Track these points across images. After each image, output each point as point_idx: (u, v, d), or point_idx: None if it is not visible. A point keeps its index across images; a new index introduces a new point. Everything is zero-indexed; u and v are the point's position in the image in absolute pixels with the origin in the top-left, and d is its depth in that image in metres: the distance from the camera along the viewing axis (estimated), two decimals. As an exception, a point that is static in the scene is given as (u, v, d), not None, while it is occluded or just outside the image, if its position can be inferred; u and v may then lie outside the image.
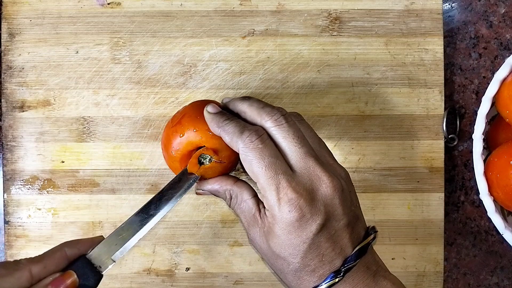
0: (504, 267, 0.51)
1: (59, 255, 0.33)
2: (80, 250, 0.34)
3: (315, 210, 0.34)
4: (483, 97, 0.44)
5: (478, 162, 0.44)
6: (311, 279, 0.35)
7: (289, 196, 0.34)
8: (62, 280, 0.32)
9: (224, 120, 0.37)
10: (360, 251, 0.35)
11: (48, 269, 0.33)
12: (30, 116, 0.48)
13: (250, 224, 0.37)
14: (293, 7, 0.48)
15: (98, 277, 0.34)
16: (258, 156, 0.34)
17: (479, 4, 0.50)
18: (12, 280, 0.31)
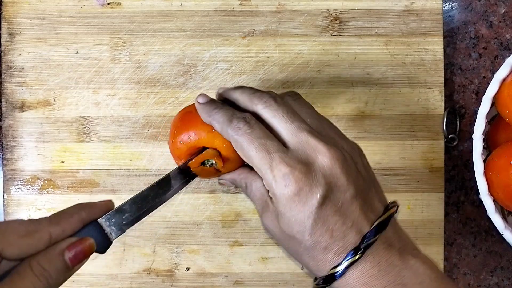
0: (504, 267, 0.51)
1: (77, 218, 0.33)
2: (94, 215, 0.34)
3: (313, 181, 0.33)
4: (483, 97, 0.44)
5: (478, 162, 0.44)
6: (326, 258, 0.34)
7: (283, 171, 0.33)
8: (81, 245, 0.32)
9: (213, 109, 0.37)
10: (379, 227, 0.34)
11: (66, 232, 0.32)
12: (30, 116, 0.48)
13: (263, 210, 0.36)
14: (293, 7, 0.48)
15: (107, 244, 0.34)
16: (247, 140, 0.34)
17: (479, 4, 0.50)
18: (32, 241, 0.31)
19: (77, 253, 0.32)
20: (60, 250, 0.32)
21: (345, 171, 0.34)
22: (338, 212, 0.33)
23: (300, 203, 0.33)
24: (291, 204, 0.33)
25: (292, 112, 0.36)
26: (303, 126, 0.35)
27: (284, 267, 0.48)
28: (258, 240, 0.48)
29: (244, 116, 0.36)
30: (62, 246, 0.32)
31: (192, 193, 0.48)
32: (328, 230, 0.33)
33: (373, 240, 0.33)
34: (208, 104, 0.38)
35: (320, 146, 0.34)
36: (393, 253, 0.34)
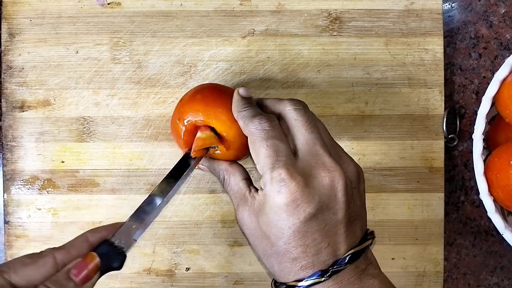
0: (504, 267, 0.51)
1: (81, 241, 0.34)
2: (102, 236, 0.35)
3: (307, 197, 0.33)
4: (483, 97, 0.44)
5: (478, 162, 0.44)
6: (292, 268, 0.34)
7: (282, 177, 0.33)
8: (85, 263, 0.33)
9: (244, 104, 0.38)
10: (353, 255, 0.34)
11: (72, 254, 0.33)
12: (30, 116, 0.48)
13: (239, 203, 0.37)
14: (293, 7, 0.48)
15: (122, 258, 0.35)
16: (262, 136, 0.35)
17: (479, 4, 0.50)
18: (37, 267, 0.32)
19: (83, 270, 0.32)
20: (66, 270, 0.32)
21: (341, 195, 0.34)
22: (319, 231, 0.34)
23: (287, 213, 0.33)
24: (278, 210, 0.33)
25: (314, 123, 0.36)
26: (320, 140, 0.36)
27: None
28: (258, 240, 0.48)
29: (269, 116, 0.37)
30: (68, 266, 0.33)
31: (192, 193, 0.48)
32: (303, 245, 0.34)
33: (343, 267, 0.34)
34: (244, 100, 0.38)
35: (329, 163, 0.34)
36: (356, 273, 0.34)
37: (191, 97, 0.41)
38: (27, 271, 0.32)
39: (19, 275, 0.31)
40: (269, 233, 0.34)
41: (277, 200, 0.33)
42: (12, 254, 0.48)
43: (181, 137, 0.40)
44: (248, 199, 0.36)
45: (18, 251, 0.48)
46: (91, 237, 0.35)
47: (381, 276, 0.36)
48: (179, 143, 0.42)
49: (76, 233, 0.47)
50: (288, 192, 0.33)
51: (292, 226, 0.33)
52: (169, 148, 0.48)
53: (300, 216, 0.33)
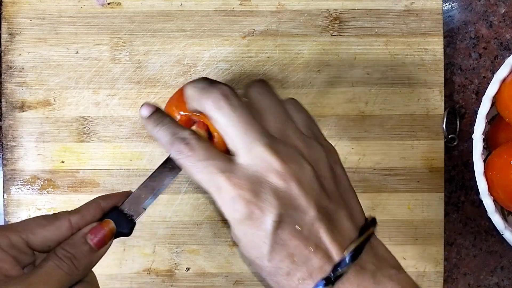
0: (504, 267, 0.50)
1: (95, 206, 0.34)
2: (113, 202, 0.35)
3: (265, 203, 0.30)
4: (483, 97, 0.43)
5: (478, 162, 0.43)
6: (290, 284, 0.31)
7: (231, 194, 0.30)
8: (101, 228, 0.34)
9: (155, 126, 0.34)
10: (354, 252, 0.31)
11: (86, 218, 0.34)
12: (30, 116, 0.48)
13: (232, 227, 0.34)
14: (293, 7, 0.48)
15: (132, 225, 0.36)
16: (189, 164, 0.32)
17: (479, 4, 0.50)
18: (53, 228, 0.32)
19: (99, 235, 0.33)
20: (83, 234, 0.33)
21: (303, 190, 0.31)
22: (297, 236, 0.30)
23: (254, 227, 0.31)
24: (244, 228, 0.31)
25: (248, 116, 0.32)
26: (259, 137, 0.31)
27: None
28: (258, 240, 0.48)
29: (184, 136, 0.33)
30: (84, 230, 0.33)
31: (192, 193, 0.48)
32: (288, 255, 0.31)
33: (345, 269, 0.30)
34: (151, 119, 0.35)
35: (276, 162, 0.31)
36: (366, 278, 0.31)
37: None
38: (43, 232, 0.32)
39: (36, 235, 0.32)
40: (251, 257, 0.32)
41: (237, 218, 0.31)
42: (12, 254, 0.48)
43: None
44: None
45: (18, 251, 0.48)
46: (103, 203, 0.35)
47: (400, 277, 0.32)
48: None
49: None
50: (244, 205, 0.30)
51: (266, 239, 0.30)
52: (169, 148, 0.48)
53: (267, 226, 0.30)
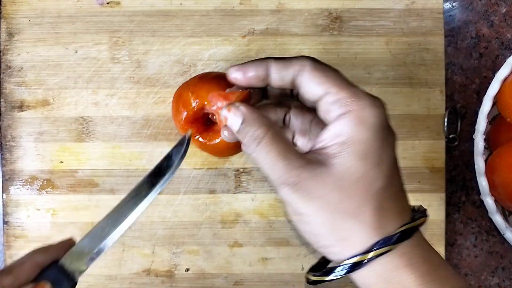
0: (506, 267, 0.50)
1: (30, 264, 0.31)
2: (52, 256, 0.32)
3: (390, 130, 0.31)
4: (484, 97, 0.43)
5: (479, 162, 0.43)
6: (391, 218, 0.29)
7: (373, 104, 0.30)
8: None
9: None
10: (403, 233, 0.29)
11: (20, 280, 0.30)
12: (29, 116, 0.48)
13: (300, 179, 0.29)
14: (294, 6, 0.48)
15: (72, 284, 0.32)
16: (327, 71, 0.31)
17: (480, 4, 0.50)
18: None
19: None
20: None
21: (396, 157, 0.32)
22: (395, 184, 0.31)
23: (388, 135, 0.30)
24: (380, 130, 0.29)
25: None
26: None
27: (284, 267, 0.48)
28: (258, 241, 0.48)
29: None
30: None
31: (192, 194, 0.48)
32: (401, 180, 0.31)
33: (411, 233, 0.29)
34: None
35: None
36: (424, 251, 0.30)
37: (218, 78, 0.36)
38: None
39: None
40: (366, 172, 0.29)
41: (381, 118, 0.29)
42: (11, 254, 0.47)
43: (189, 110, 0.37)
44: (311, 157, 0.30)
45: (17, 252, 0.48)
46: (40, 257, 0.31)
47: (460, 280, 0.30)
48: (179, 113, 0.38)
49: (75, 233, 0.48)
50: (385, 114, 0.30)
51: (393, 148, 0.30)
52: (169, 148, 0.48)
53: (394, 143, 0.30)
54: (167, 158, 0.36)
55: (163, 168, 0.35)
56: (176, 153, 0.36)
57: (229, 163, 0.48)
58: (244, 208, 0.48)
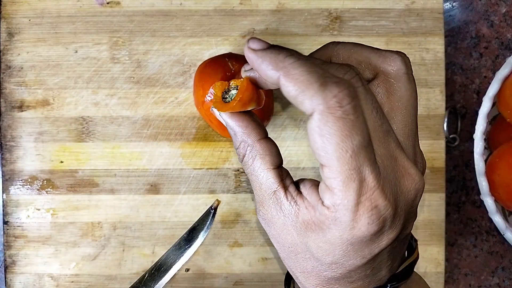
0: (505, 267, 0.50)
1: None
2: None
3: (395, 223, 0.24)
4: (484, 97, 0.43)
5: (479, 162, 0.43)
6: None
7: (375, 203, 0.23)
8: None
9: (286, 56, 0.23)
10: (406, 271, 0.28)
11: None
12: (29, 116, 0.48)
13: (264, 201, 0.27)
14: (294, 6, 0.48)
15: None
16: (346, 132, 0.22)
17: (480, 4, 0.50)
18: None
19: None
20: None
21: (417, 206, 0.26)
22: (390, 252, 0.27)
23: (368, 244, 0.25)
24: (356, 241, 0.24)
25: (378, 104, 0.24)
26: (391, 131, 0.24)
27: (284, 267, 0.48)
28: (258, 241, 0.48)
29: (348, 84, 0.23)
30: None
31: (192, 194, 0.48)
32: (369, 268, 0.26)
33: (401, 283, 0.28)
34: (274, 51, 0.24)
35: (412, 169, 0.25)
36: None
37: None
38: None
39: None
40: (326, 260, 0.25)
41: (362, 233, 0.24)
42: (11, 254, 0.47)
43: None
44: (282, 203, 0.26)
45: (17, 251, 0.48)
46: None
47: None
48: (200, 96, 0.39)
49: (75, 233, 0.48)
50: (382, 222, 0.24)
51: (368, 255, 0.25)
52: (169, 148, 0.48)
53: (381, 245, 0.25)
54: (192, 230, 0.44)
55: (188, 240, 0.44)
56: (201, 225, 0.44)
57: (229, 163, 0.48)
58: (244, 208, 0.48)
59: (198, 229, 0.42)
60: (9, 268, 0.47)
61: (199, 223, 0.42)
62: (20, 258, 0.48)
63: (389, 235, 0.25)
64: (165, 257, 0.43)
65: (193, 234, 0.41)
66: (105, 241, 0.48)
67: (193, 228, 0.42)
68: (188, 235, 0.42)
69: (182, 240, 0.42)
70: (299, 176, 0.36)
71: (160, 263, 0.42)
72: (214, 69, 0.41)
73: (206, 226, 0.42)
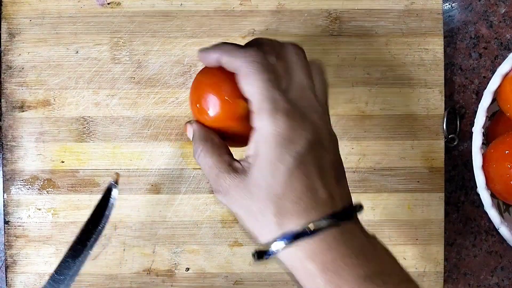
0: (505, 267, 0.50)
1: None
2: None
3: (305, 125, 0.33)
4: (485, 91, 0.43)
5: (476, 156, 0.43)
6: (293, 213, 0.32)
7: (284, 107, 0.32)
8: None
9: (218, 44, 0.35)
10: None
11: None
12: (30, 116, 0.48)
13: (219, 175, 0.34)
14: (294, 7, 0.48)
15: None
16: (260, 69, 0.33)
17: (479, 4, 0.50)
18: None
19: None
20: None
21: (329, 135, 0.34)
22: (317, 166, 0.33)
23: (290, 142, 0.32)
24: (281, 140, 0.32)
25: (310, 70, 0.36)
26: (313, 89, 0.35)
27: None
28: (258, 240, 0.48)
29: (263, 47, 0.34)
30: None
31: (192, 193, 0.48)
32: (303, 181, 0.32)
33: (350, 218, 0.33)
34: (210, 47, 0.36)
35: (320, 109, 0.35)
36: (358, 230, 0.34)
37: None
38: None
39: None
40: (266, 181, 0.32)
41: (281, 130, 0.32)
42: (12, 254, 0.48)
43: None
44: (238, 167, 0.34)
45: (18, 251, 0.48)
46: None
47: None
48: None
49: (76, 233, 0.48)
50: (292, 119, 0.32)
51: (295, 154, 0.32)
52: (169, 148, 0.48)
53: (301, 143, 0.32)
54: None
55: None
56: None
57: (229, 163, 0.48)
58: (244, 207, 0.48)
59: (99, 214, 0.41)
60: (10, 268, 0.48)
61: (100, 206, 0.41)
62: (21, 258, 0.48)
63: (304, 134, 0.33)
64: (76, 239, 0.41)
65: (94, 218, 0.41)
66: (106, 240, 0.48)
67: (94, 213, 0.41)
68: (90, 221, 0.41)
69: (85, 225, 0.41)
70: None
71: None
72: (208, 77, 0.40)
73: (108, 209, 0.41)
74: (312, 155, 0.33)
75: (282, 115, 0.32)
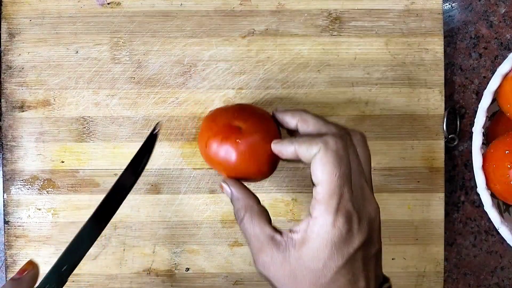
0: (505, 267, 0.50)
1: None
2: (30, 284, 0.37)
3: (361, 227, 0.34)
4: (485, 91, 0.43)
5: (476, 156, 0.43)
6: None
7: (347, 209, 0.34)
8: None
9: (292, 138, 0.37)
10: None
11: None
12: (30, 116, 0.48)
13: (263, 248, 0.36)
14: (293, 7, 0.48)
15: None
16: (337, 160, 0.34)
17: (479, 4, 0.50)
18: None
19: None
20: None
21: (379, 227, 0.36)
22: (363, 261, 0.35)
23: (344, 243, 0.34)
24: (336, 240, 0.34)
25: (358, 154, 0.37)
26: (363, 171, 0.36)
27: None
28: (258, 240, 0.48)
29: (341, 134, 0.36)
30: None
31: (192, 193, 0.48)
32: (350, 273, 0.34)
33: None
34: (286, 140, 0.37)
35: (372, 197, 0.36)
36: None
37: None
38: None
39: None
40: (317, 266, 0.34)
41: (339, 232, 0.34)
42: (11, 254, 0.48)
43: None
44: (280, 242, 0.36)
45: (17, 251, 0.48)
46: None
47: None
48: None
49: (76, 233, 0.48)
50: (350, 223, 0.34)
51: (346, 254, 0.34)
52: (169, 148, 0.48)
53: (354, 245, 0.34)
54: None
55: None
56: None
57: (229, 163, 0.48)
58: (244, 208, 0.48)
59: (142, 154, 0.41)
60: (10, 268, 0.48)
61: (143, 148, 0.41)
62: (21, 258, 0.48)
63: (358, 237, 0.34)
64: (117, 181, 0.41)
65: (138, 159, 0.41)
66: (106, 240, 0.48)
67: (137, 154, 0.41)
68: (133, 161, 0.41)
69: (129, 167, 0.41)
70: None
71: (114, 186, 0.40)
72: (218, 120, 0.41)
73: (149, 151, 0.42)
74: (361, 253, 0.35)
75: (342, 215, 0.33)
